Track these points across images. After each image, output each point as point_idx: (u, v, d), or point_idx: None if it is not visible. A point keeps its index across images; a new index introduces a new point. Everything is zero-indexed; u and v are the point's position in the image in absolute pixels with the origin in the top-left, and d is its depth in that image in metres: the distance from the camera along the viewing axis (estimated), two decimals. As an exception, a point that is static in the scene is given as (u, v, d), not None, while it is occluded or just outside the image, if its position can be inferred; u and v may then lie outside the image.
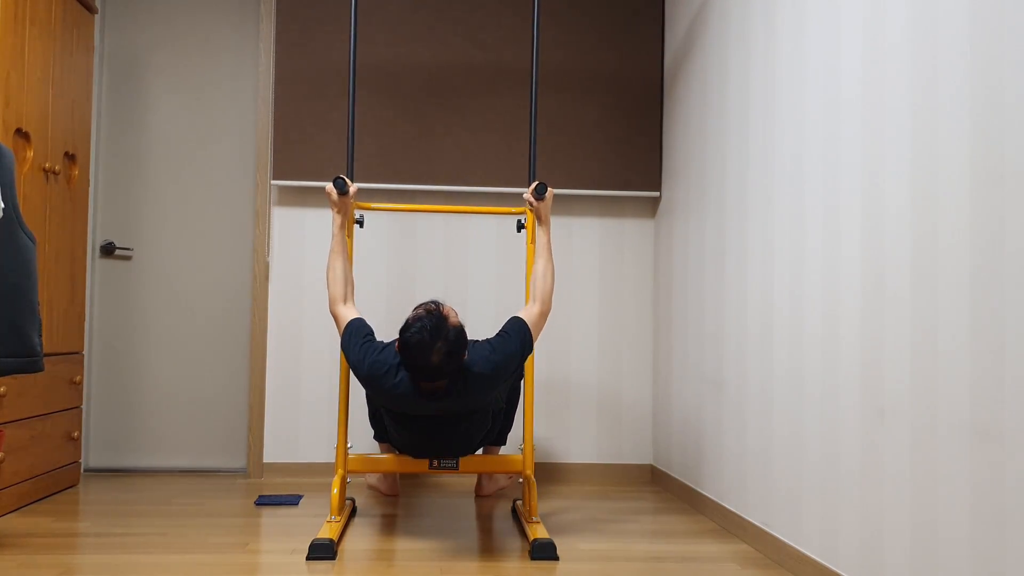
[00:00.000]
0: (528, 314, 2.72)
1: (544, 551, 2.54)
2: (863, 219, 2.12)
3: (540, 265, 2.81)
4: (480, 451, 3.65)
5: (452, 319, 2.51)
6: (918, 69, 1.91)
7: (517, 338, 2.63)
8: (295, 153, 3.74)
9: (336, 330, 3.78)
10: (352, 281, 2.82)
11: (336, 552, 2.54)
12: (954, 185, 1.77)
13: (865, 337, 2.09)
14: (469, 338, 2.77)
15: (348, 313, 2.73)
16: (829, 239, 2.29)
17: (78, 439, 3.45)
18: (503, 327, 2.70)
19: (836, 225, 2.25)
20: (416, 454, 2.88)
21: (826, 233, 2.31)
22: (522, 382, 3.27)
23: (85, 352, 3.85)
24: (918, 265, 1.89)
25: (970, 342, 1.70)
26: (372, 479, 3.50)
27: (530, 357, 3.02)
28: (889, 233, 2.00)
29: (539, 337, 3.87)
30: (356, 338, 2.64)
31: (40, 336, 2.40)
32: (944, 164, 1.81)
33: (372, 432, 3.79)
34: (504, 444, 3.38)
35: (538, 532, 2.67)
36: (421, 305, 2.58)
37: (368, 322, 3.76)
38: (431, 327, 2.46)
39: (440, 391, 2.57)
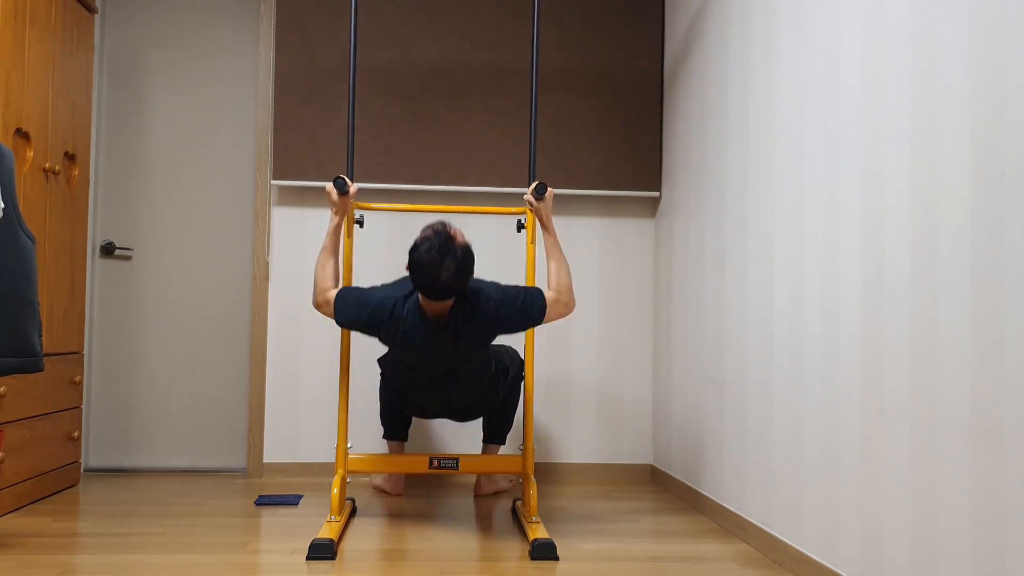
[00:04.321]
0: (547, 296, 2.75)
1: (544, 551, 2.54)
2: (863, 218, 2.12)
3: (553, 265, 2.82)
4: (479, 450, 3.65)
5: (459, 239, 2.58)
6: (918, 68, 1.91)
7: (526, 296, 2.70)
8: (295, 153, 3.74)
9: (332, 328, 3.79)
10: (339, 282, 2.84)
11: (336, 552, 2.54)
12: (954, 184, 1.77)
13: (865, 336, 2.09)
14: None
15: (334, 291, 2.77)
16: (829, 238, 2.29)
17: (78, 439, 3.45)
18: (527, 289, 2.74)
19: (836, 224, 2.25)
20: (424, 411, 3.03)
21: (826, 232, 2.31)
22: (522, 383, 3.28)
23: (85, 352, 3.84)
24: (918, 264, 1.89)
25: (970, 341, 1.70)
26: (378, 480, 3.50)
27: (530, 356, 3.02)
28: (889, 231, 2.00)
29: (536, 338, 3.87)
30: (351, 296, 2.71)
31: (40, 336, 2.40)
32: (944, 164, 1.81)
33: (379, 431, 3.80)
34: (504, 443, 3.39)
35: (538, 532, 2.67)
36: (429, 226, 2.62)
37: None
38: (439, 245, 2.54)
39: (445, 319, 2.64)
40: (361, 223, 3.07)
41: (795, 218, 2.50)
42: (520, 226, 3.10)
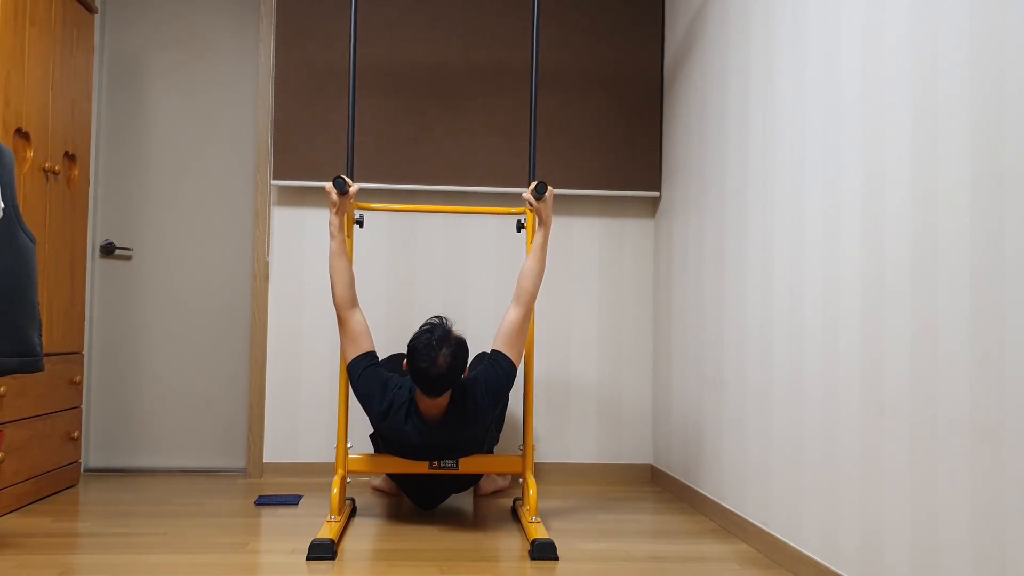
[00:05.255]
0: (510, 325, 2.83)
1: (544, 551, 2.54)
2: (863, 218, 2.12)
3: (530, 264, 2.86)
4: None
5: (455, 332, 2.72)
6: (918, 68, 1.91)
7: (503, 373, 2.80)
8: (295, 153, 3.74)
9: (332, 329, 3.79)
10: (353, 280, 2.86)
11: (336, 552, 2.54)
12: (954, 185, 1.77)
13: (865, 336, 2.09)
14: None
15: (357, 328, 2.83)
16: (829, 238, 2.29)
17: (78, 439, 3.45)
18: (491, 357, 2.84)
19: (836, 224, 2.25)
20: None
21: (826, 232, 2.31)
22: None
23: (85, 352, 3.84)
24: (918, 264, 1.89)
25: (970, 341, 1.70)
26: (377, 481, 3.50)
27: (529, 356, 3.03)
28: (889, 232, 2.00)
29: (536, 338, 3.88)
30: (375, 377, 2.77)
31: (40, 336, 2.40)
32: (944, 164, 1.81)
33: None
34: (497, 442, 3.39)
35: (538, 532, 2.67)
36: (427, 320, 2.77)
37: (369, 326, 3.76)
38: (438, 336, 2.67)
39: (439, 421, 2.75)
40: (361, 223, 3.07)
41: (795, 217, 2.50)
42: (520, 226, 3.10)
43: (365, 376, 2.77)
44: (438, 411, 2.74)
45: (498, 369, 2.80)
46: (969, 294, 1.71)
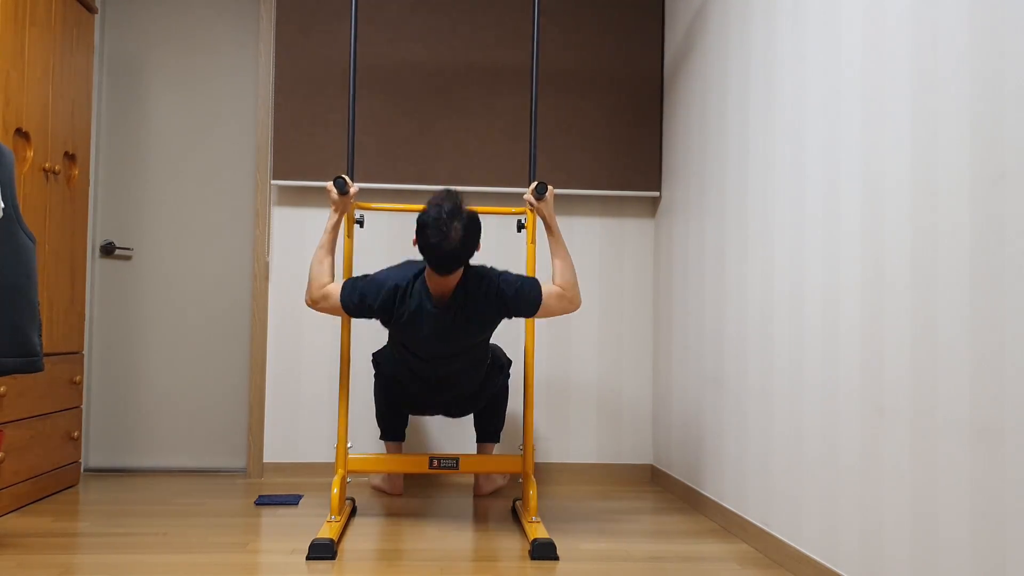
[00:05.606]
0: (548, 288, 2.80)
1: (544, 551, 2.54)
2: (863, 217, 2.12)
3: (558, 263, 2.85)
4: (475, 450, 3.65)
5: (466, 206, 2.63)
6: (918, 67, 1.91)
7: (524, 281, 2.75)
8: (295, 153, 3.74)
9: (332, 328, 3.79)
10: (331, 281, 2.84)
11: (336, 552, 2.54)
12: (954, 183, 1.77)
13: (865, 335, 2.09)
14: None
15: (332, 287, 2.79)
16: (829, 238, 2.29)
17: (78, 439, 3.45)
18: (524, 276, 2.80)
19: (836, 224, 2.25)
20: (420, 404, 3.09)
21: (826, 232, 2.31)
22: (509, 380, 3.30)
23: (85, 352, 3.84)
24: (918, 263, 1.89)
25: (970, 340, 1.70)
26: (376, 480, 3.50)
27: (530, 355, 3.03)
28: (889, 231, 2.00)
29: (536, 338, 3.87)
30: (359, 282, 2.74)
31: (40, 336, 2.40)
32: (944, 162, 1.81)
33: (378, 432, 3.80)
34: (498, 441, 3.39)
35: (538, 532, 2.67)
36: (437, 193, 2.66)
37: (366, 328, 3.76)
38: (449, 207, 2.58)
39: (449, 298, 2.69)
40: (361, 223, 3.07)
41: (795, 218, 2.50)
42: (520, 226, 3.10)
43: (354, 287, 2.73)
44: (447, 290, 2.69)
45: (523, 283, 2.74)
46: (969, 294, 1.71)
